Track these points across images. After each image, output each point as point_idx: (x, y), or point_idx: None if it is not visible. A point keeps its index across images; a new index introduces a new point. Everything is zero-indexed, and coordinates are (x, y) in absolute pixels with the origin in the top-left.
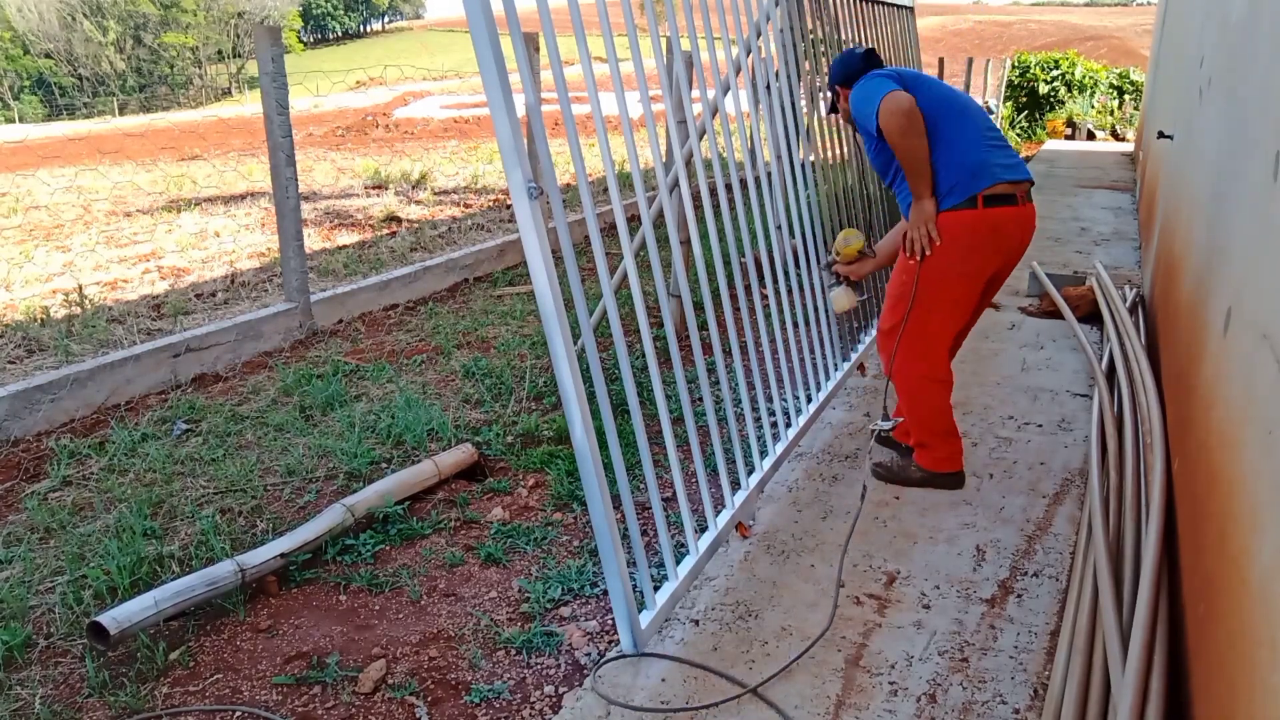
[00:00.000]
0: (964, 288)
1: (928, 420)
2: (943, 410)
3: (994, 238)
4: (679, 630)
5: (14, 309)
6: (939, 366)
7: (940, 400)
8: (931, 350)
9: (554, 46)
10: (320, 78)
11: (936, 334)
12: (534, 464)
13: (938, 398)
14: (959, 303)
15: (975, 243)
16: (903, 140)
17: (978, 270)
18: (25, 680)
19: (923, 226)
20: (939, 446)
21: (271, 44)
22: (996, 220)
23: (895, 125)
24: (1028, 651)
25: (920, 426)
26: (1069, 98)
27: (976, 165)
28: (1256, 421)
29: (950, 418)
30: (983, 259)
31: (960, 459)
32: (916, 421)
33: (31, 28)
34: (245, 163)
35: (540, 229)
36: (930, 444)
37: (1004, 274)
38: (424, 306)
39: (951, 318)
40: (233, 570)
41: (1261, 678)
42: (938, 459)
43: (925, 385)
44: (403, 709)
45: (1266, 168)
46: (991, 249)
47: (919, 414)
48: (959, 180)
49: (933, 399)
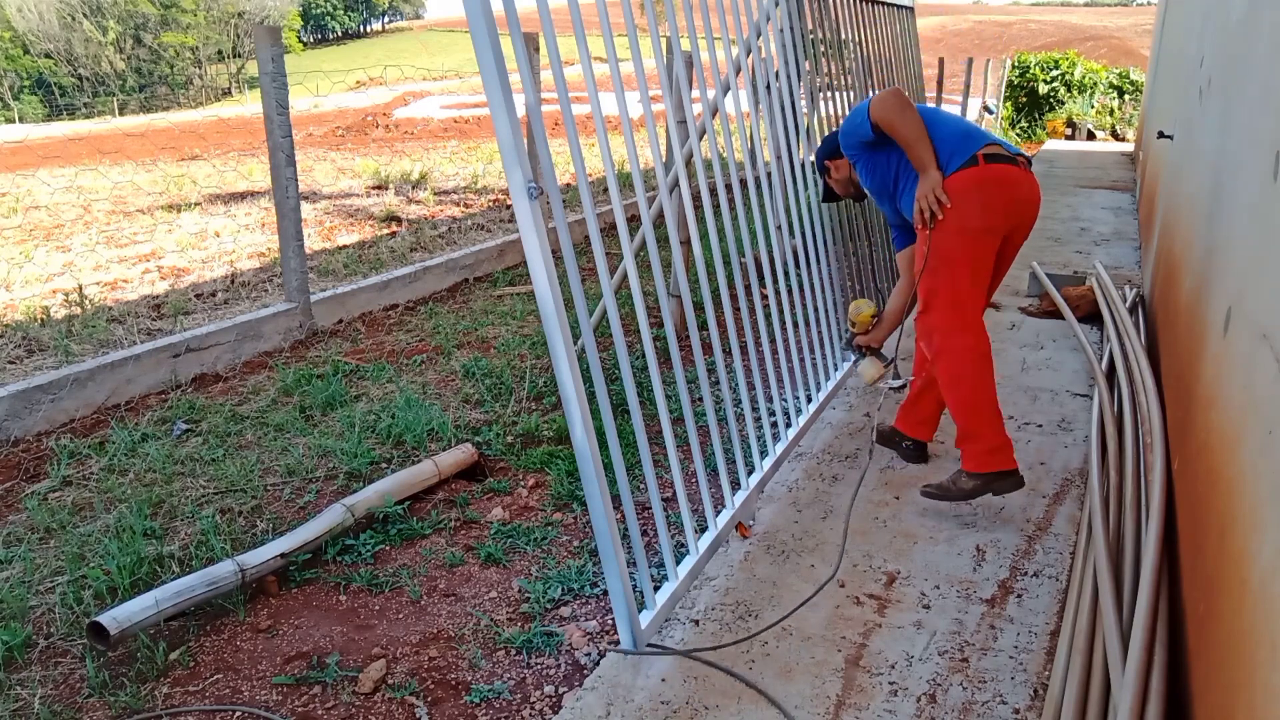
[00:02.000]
0: (983, 244)
1: (975, 401)
2: (990, 388)
3: (1000, 190)
4: (679, 630)
5: (14, 309)
6: (982, 337)
7: (987, 376)
8: (971, 319)
9: (554, 46)
10: (320, 78)
11: (969, 298)
12: (534, 464)
13: (985, 374)
14: (981, 261)
15: (984, 198)
16: (899, 117)
17: (992, 226)
18: (25, 680)
19: (931, 193)
20: (989, 435)
21: (271, 44)
22: (1000, 175)
23: (889, 107)
24: (1028, 651)
25: (967, 411)
26: (1069, 98)
27: (968, 131)
28: (1256, 421)
29: (995, 400)
30: (994, 214)
31: (1012, 456)
32: (963, 406)
33: (31, 28)
34: (245, 163)
35: (540, 229)
36: (979, 433)
37: (1015, 241)
38: (424, 306)
39: (979, 278)
40: (233, 570)
41: (1262, 678)
42: (988, 453)
43: (971, 360)
44: (403, 709)
45: (1266, 167)
46: (1000, 203)
47: (965, 395)
48: (955, 147)
49: (980, 375)
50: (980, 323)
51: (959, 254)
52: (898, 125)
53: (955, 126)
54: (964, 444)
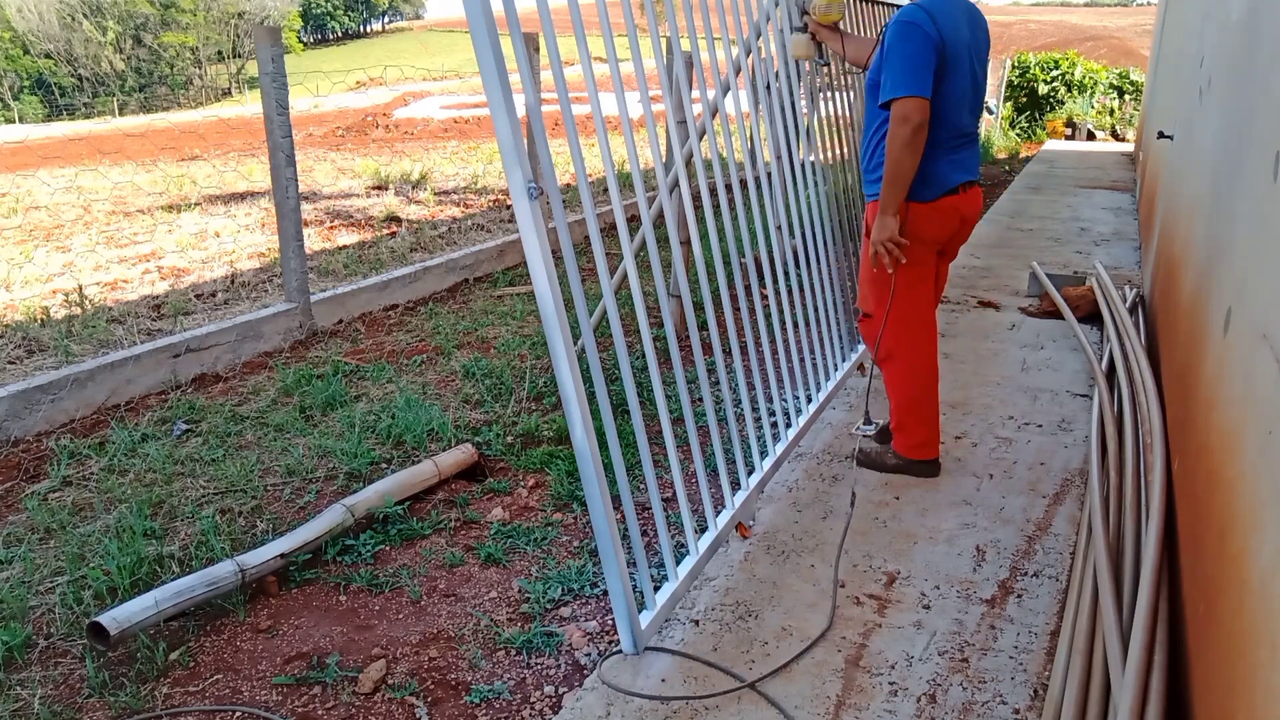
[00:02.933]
0: (923, 264)
1: (912, 403)
2: (929, 391)
3: (941, 219)
4: (679, 630)
5: (14, 309)
6: (925, 347)
7: (927, 380)
8: (918, 330)
9: (554, 46)
10: (320, 78)
11: (915, 310)
12: (534, 464)
13: (929, 380)
14: (923, 277)
15: (925, 229)
16: (901, 150)
17: (930, 250)
18: (25, 680)
19: (889, 243)
20: (917, 430)
21: (271, 44)
22: (944, 206)
23: (899, 136)
24: (1028, 651)
25: (905, 409)
26: (1069, 98)
27: (931, 175)
28: (1256, 421)
29: (934, 403)
30: (933, 239)
31: (936, 448)
32: (902, 405)
33: (31, 28)
34: (245, 163)
35: (540, 229)
36: (908, 426)
37: (957, 241)
38: (424, 307)
39: (923, 291)
40: (233, 570)
41: (1262, 678)
42: (913, 444)
43: (912, 368)
44: (403, 709)
45: (1266, 167)
46: (939, 228)
47: (904, 393)
48: (915, 185)
49: (924, 382)
50: (928, 331)
51: (906, 276)
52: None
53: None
54: (897, 431)
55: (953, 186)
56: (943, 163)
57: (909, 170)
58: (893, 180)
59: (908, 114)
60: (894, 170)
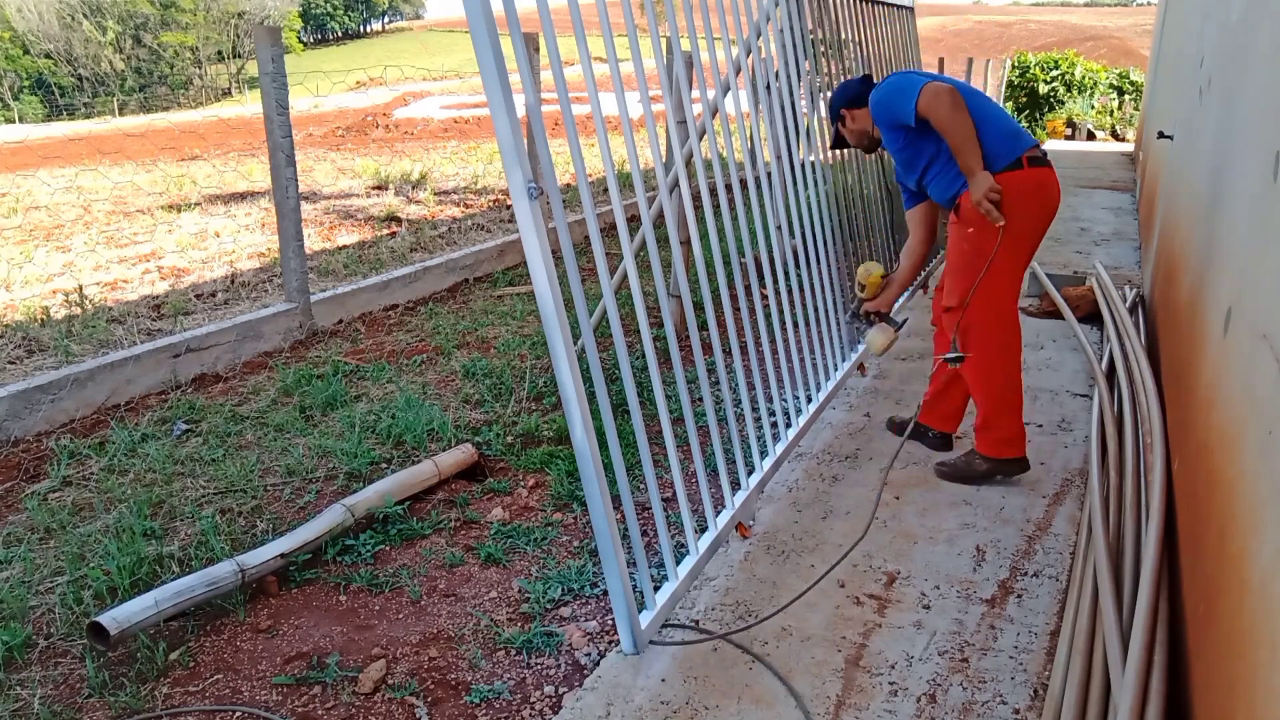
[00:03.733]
0: (1024, 245)
1: (1001, 393)
2: (1016, 382)
3: (1040, 194)
4: (679, 630)
5: (14, 309)
6: (1017, 334)
7: (1015, 369)
8: (1006, 316)
9: (554, 46)
10: (320, 78)
11: (1005, 297)
12: (534, 464)
13: (1013, 366)
14: (1019, 262)
15: (1027, 202)
16: (953, 116)
17: (1033, 229)
18: (25, 680)
19: (987, 195)
20: (1006, 425)
21: (271, 44)
22: (1040, 178)
23: (944, 104)
24: (1028, 651)
25: (990, 402)
26: (1069, 98)
27: (1013, 130)
28: (1256, 421)
29: (1020, 395)
30: (1035, 217)
31: (1024, 445)
32: (989, 397)
33: (31, 28)
34: (245, 163)
35: (540, 229)
36: (996, 424)
37: (1041, 235)
38: (424, 306)
39: (1015, 278)
40: (233, 570)
41: (1262, 678)
42: (1002, 441)
43: (1003, 354)
44: (403, 709)
45: (1266, 167)
46: (1038, 205)
47: (994, 387)
48: (1002, 147)
49: (1008, 367)
50: (1014, 318)
51: (1001, 254)
52: (949, 127)
53: (1003, 124)
54: (982, 431)
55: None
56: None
57: (967, 127)
58: (959, 144)
59: (936, 88)
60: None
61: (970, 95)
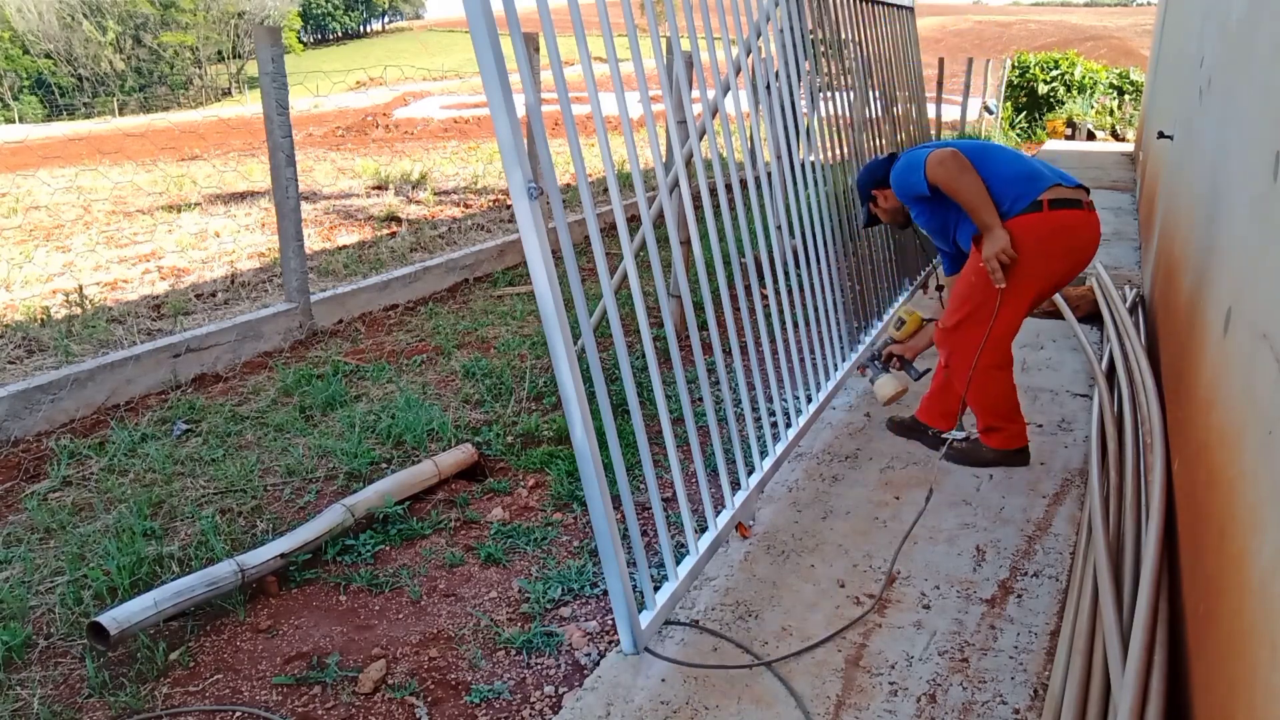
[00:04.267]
0: (1032, 288)
1: (996, 405)
2: (1009, 393)
3: (1060, 237)
4: (679, 630)
5: (14, 309)
6: (1006, 355)
7: (1007, 385)
8: (1004, 346)
9: (554, 46)
10: (320, 78)
11: (1004, 329)
12: (534, 464)
13: (1004, 383)
14: (1024, 303)
15: (1042, 246)
16: (959, 178)
17: (1051, 271)
18: (25, 680)
19: (998, 255)
20: (1007, 426)
21: (271, 44)
22: (1062, 221)
23: (949, 168)
24: (1028, 651)
25: (989, 412)
26: (1069, 98)
27: (1029, 172)
28: (1256, 421)
29: (1015, 398)
30: (1050, 261)
31: (1025, 436)
32: (985, 408)
33: (31, 28)
34: (245, 163)
35: (540, 229)
36: (1000, 426)
37: (1070, 277)
38: (424, 306)
39: (1018, 315)
40: (233, 570)
41: (1262, 678)
42: (1007, 438)
43: (994, 374)
44: (403, 709)
45: (1266, 167)
46: (1059, 250)
47: (988, 401)
48: (1018, 190)
49: (1000, 385)
50: (1007, 344)
51: (1010, 293)
52: (958, 190)
53: (1016, 167)
54: (986, 434)
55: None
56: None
57: (976, 186)
58: (971, 204)
59: (939, 156)
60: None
61: (977, 151)
